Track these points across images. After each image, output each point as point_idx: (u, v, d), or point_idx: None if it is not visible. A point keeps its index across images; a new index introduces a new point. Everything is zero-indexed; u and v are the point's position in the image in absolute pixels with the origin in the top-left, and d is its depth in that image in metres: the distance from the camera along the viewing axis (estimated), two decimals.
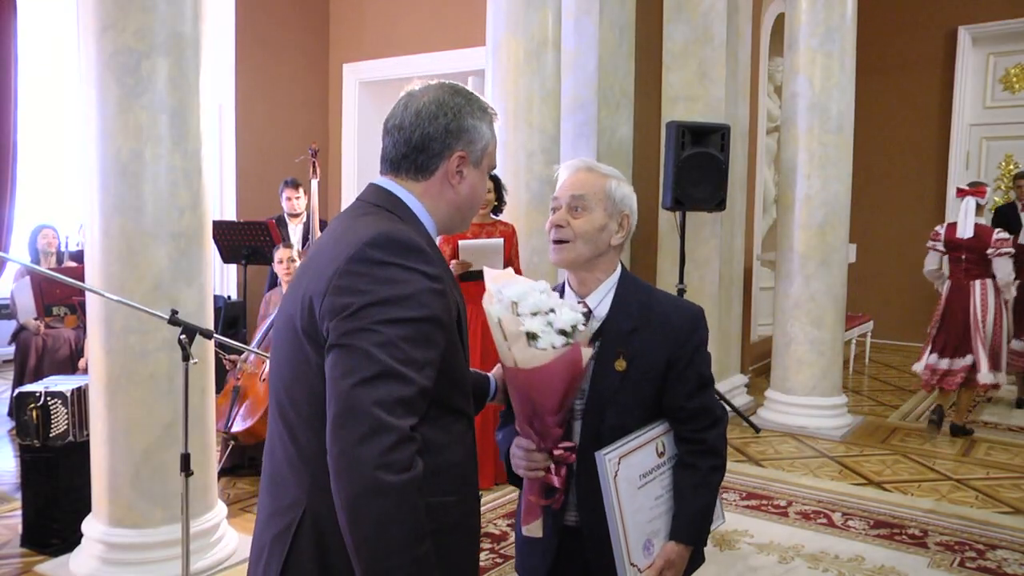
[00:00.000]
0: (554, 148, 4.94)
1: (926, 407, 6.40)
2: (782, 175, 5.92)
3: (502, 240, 4.43)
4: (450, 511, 1.42)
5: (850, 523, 4.11)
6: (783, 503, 4.37)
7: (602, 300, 1.82)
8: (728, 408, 5.80)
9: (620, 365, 1.77)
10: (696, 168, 5.33)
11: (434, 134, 1.45)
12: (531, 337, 1.62)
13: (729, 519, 4.12)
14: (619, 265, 1.87)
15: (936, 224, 6.06)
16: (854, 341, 7.83)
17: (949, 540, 3.92)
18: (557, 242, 1.80)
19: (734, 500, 4.40)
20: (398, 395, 1.25)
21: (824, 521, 4.14)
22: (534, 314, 1.64)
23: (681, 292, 5.48)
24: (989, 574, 3.59)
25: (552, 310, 1.65)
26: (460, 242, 4.44)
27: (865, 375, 7.68)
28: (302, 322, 1.35)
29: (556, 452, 1.72)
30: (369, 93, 7.71)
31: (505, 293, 1.67)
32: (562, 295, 1.85)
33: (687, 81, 5.99)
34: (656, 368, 1.79)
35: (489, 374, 1.86)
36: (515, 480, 1.84)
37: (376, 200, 1.47)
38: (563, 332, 1.63)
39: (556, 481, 1.74)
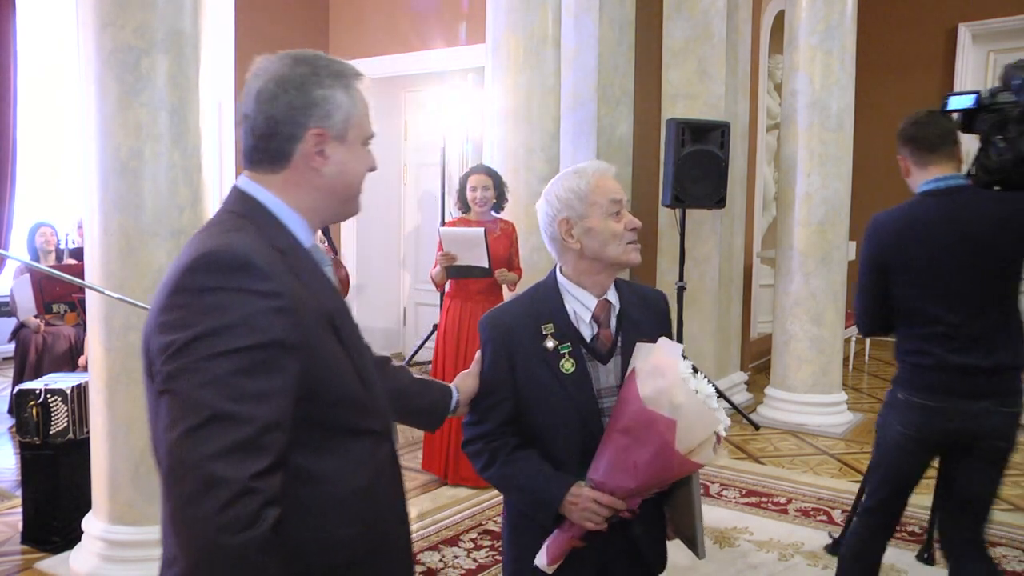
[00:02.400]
0: (554, 145, 4.94)
1: None
2: (782, 173, 5.92)
3: (482, 230, 4.37)
4: (347, 547, 1.28)
5: None
6: (783, 500, 4.37)
7: (614, 294, 1.89)
8: (728, 405, 5.81)
9: None
10: (696, 165, 5.33)
11: (279, 115, 1.28)
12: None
13: (729, 516, 4.13)
14: None
15: None
16: (854, 339, 7.83)
17: None
18: (634, 243, 1.86)
19: (734, 497, 4.40)
20: (232, 440, 1.07)
21: (824, 519, 4.15)
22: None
23: (681, 290, 5.48)
24: None
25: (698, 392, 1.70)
26: (440, 229, 4.45)
27: (865, 372, 7.68)
28: (145, 365, 1.20)
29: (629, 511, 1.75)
30: (369, 91, 7.69)
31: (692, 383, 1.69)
32: (558, 296, 1.86)
33: (687, 78, 5.99)
34: None
35: (451, 385, 1.83)
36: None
37: (231, 207, 1.31)
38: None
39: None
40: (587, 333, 1.83)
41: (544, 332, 1.81)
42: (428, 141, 7.52)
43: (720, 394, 5.66)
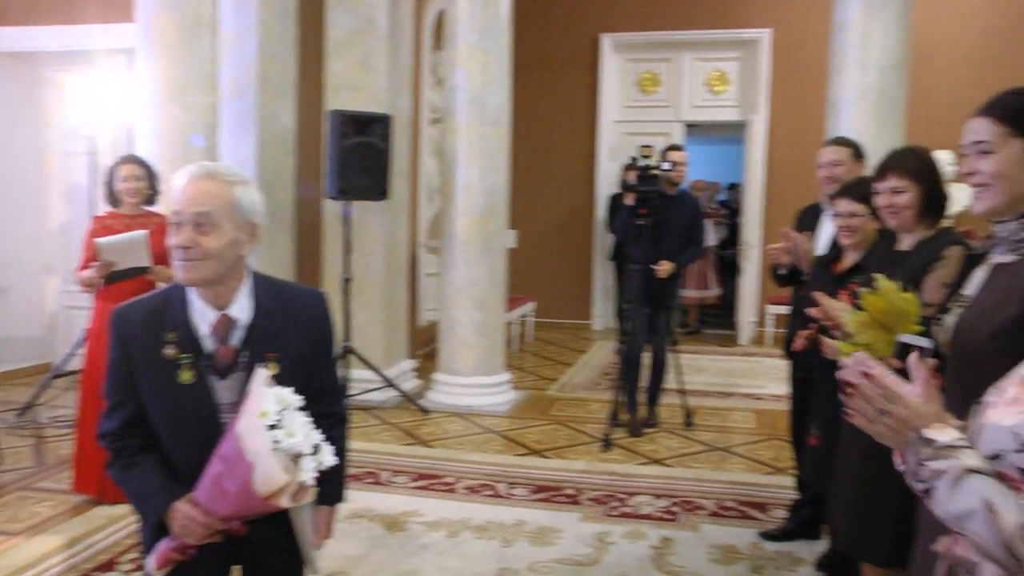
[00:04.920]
0: (212, 135, 4.72)
1: (585, 378, 7.02)
2: (444, 165, 6.15)
3: (146, 233, 4.02)
4: None
5: (514, 491, 4.39)
6: (452, 480, 4.55)
7: (244, 305, 1.80)
8: (398, 393, 5.94)
9: (273, 368, 1.75)
10: (359, 158, 5.37)
11: None
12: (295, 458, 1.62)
13: (399, 501, 4.22)
14: (248, 267, 1.85)
15: (588, 210, 6.65)
16: (517, 321, 8.36)
17: (599, 494, 4.33)
18: (184, 261, 1.71)
19: (404, 483, 4.51)
20: None
21: (490, 493, 4.38)
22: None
23: (347, 282, 5.50)
24: (629, 517, 4.04)
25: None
26: (97, 241, 4.01)
27: (528, 352, 8.24)
28: None
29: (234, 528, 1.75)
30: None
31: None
32: (184, 303, 1.79)
33: (351, 70, 6.01)
34: (304, 359, 1.84)
35: None
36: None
37: None
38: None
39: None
40: (208, 345, 1.77)
41: (167, 339, 1.74)
42: (75, 127, 6.79)
43: (388, 380, 5.77)
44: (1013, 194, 1.69)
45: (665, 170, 5.21)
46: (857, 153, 3.69)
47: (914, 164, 2.47)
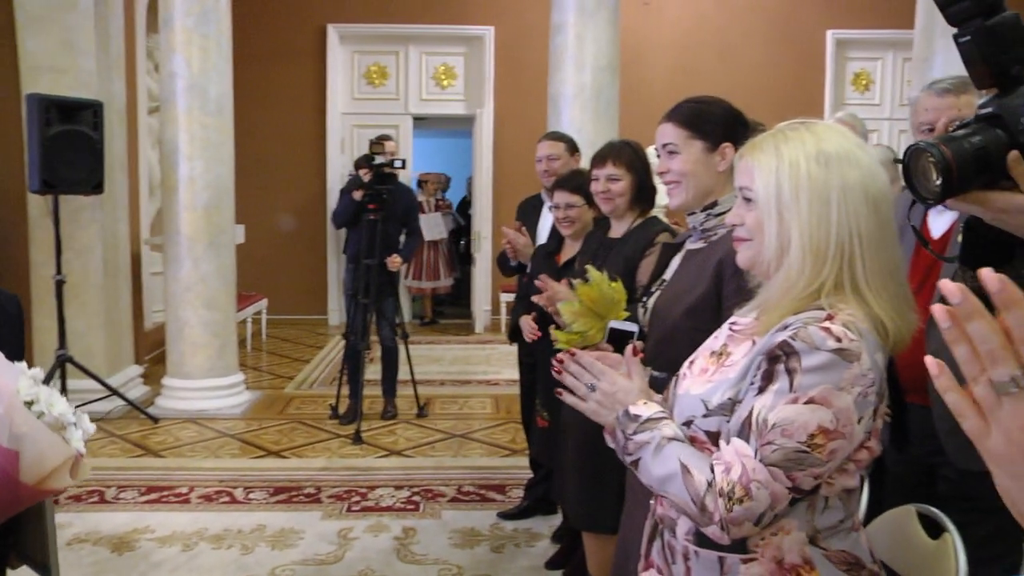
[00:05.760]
0: None
1: (323, 373, 6.91)
2: (164, 156, 5.76)
3: None
4: None
5: (251, 496, 4.25)
6: (185, 490, 4.31)
7: None
8: (124, 402, 5.51)
9: None
10: (67, 147, 4.90)
11: None
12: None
13: (128, 518, 3.94)
14: None
15: (319, 203, 6.46)
16: (250, 319, 8.06)
17: (339, 491, 4.31)
18: None
19: (133, 498, 4.20)
20: None
21: (227, 499, 4.21)
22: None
23: (60, 284, 5.02)
24: (371, 511, 4.06)
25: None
26: None
27: (263, 351, 7.97)
28: None
29: None
30: None
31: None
32: None
33: (51, 50, 5.45)
34: None
35: None
36: None
37: None
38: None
39: None
40: None
41: None
42: None
43: (112, 388, 5.35)
44: (699, 189, 1.94)
45: (398, 167, 5.25)
46: (572, 147, 3.95)
47: (629, 155, 2.72)
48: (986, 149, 1.07)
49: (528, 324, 3.38)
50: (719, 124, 1.93)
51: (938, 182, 1.08)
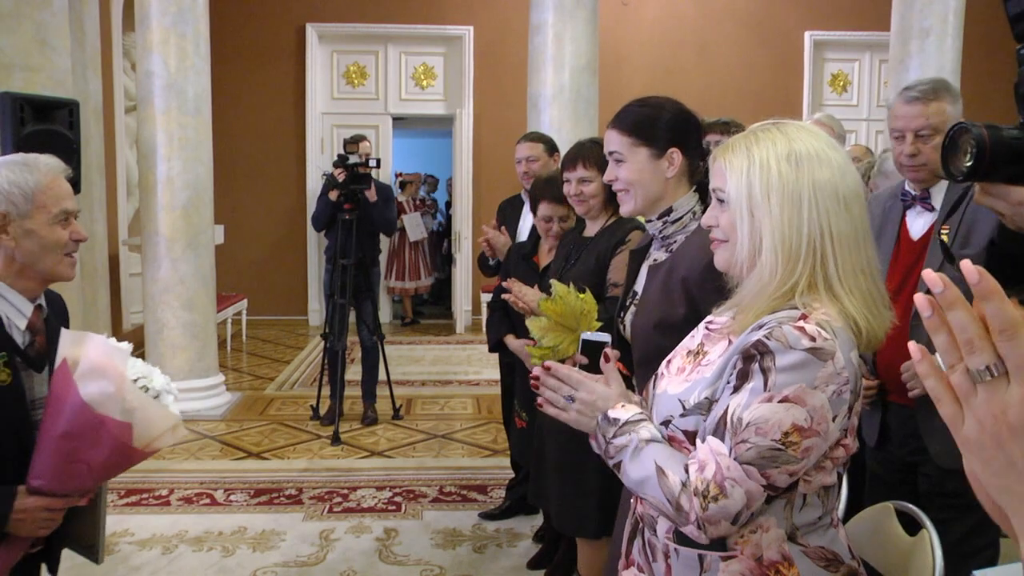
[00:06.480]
0: None
1: (304, 374, 6.88)
2: (142, 156, 5.72)
3: None
4: None
5: (232, 497, 4.23)
6: (165, 493, 4.29)
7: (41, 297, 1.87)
8: None
9: None
10: (42, 147, 4.76)
11: None
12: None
13: (108, 522, 3.90)
14: None
15: (299, 203, 6.45)
16: (230, 320, 8.01)
17: (321, 492, 4.29)
18: (71, 255, 1.94)
19: (112, 501, 4.17)
20: None
21: (207, 501, 4.19)
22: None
23: None
24: (353, 512, 4.05)
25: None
26: None
27: (244, 352, 7.92)
28: None
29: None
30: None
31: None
32: None
33: (24, 48, 5.36)
34: None
35: None
36: None
37: None
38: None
39: None
40: (21, 340, 1.74)
41: None
42: None
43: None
44: (648, 196, 1.89)
45: (372, 167, 5.23)
46: (551, 148, 3.94)
47: (598, 155, 2.56)
48: (1022, 142, 1.09)
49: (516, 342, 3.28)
50: (665, 129, 1.86)
51: (969, 162, 1.10)
